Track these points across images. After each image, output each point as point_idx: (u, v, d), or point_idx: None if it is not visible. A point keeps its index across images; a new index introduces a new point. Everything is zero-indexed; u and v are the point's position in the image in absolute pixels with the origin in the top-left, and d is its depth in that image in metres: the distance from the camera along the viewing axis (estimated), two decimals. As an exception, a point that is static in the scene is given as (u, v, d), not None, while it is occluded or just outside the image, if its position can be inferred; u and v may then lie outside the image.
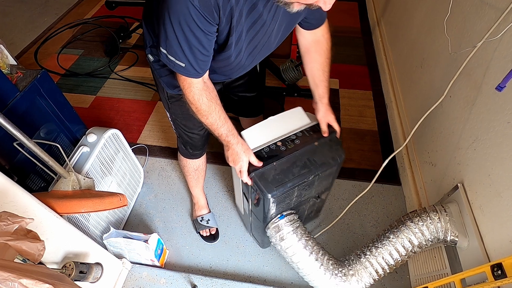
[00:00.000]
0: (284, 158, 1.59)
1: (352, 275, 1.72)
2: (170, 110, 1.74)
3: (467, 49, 1.64)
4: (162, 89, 1.64)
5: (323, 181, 1.76)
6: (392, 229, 1.70)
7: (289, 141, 1.64)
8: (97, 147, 1.96)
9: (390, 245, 1.67)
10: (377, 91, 3.30)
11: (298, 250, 1.75)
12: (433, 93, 2.09)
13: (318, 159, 1.62)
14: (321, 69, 1.63)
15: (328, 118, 1.71)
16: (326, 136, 1.68)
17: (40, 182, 1.91)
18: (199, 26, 1.12)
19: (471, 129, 1.64)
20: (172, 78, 1.53)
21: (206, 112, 1.38)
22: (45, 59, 3.82)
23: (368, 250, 1.74)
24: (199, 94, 1.33)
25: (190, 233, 2.34)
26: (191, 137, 1.86)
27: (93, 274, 1.56)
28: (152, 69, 1.61)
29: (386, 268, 1.71)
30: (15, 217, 1.07)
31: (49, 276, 0.96)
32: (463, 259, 1.58)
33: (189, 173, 2.15)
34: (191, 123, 1.77)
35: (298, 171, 1.57)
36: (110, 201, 1.62)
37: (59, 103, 2.00)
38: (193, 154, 2.00)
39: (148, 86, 3.42)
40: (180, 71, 1.26)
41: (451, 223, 1.59)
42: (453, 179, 1.77)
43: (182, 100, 1.61)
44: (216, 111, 1.40)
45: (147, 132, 2.98)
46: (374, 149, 2.79)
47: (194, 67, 1.24)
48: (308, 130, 1.70)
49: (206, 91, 1.35)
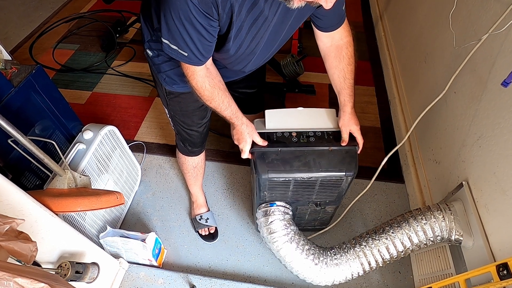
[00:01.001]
0: (291, 148, 1.59)
1: (338, 265, 1.76)
2: (169, 106, 1.74)
3: (472, 43, 1.64)
4: (160, 86, 1.64)
5: (326, 190, 1.74)
6: (393, 224, 1.70)
7: (304, 136, 1.62)
8: (94, 144, 1.95)
9: (389, 239, 1.67)
10: (380, 87, 3.29)
11: (280, 237, 1.79)
12: (437, 88, 2.07)
13: (324, 163, 1.58)
14: (342, 76, 1.58)
15: (351, 128, 1.63)
16: (344, 145, 1.61)
17: (35, 180, 1.91)
18: (199, 21, 1.14)
19: (476, 125, 1.63)
20: (171, 74, 1.54)
21: (209, 97, 1.41)
22: (40, 54, 3.81)
23: (365, 241, 1.74)
24: (202, 80, 1.37)
25: (189, 232, 2.34)
26: (190, 134, 1.86)
27: (89, 274, 1.56)
28: (150, 65, 1.61)
29: (379, 262, 1.71)
30: (5, 218, 1.06)
31: (43, 276, 0.95)
32: (468, 258, 1.58)
33: (187, 170, 2.15)
34: (190, 120, 1.77)
35: (297, 166, 1.57)
36: (106, 199, 1.61)
37: (54, 99, 1.99)
38: (192, 151, 2.00)
39: (145, 82, 3.41)
40: (183, 60, 1.29)
41: (456, 221, 1.59)
42: (458, 177, 1.76)
43: (181, 97, 1.63)
44: (219, 96, 1.43)
45: (145, 129, 2.97)
46: (377, 146, 2.78)
47: (197, 56, 1.27)
48: (330, 134, 1.64)
49: (208, 77, 1.38)
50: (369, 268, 1.74)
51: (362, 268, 1.75)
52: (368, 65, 3.55)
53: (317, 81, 3.30)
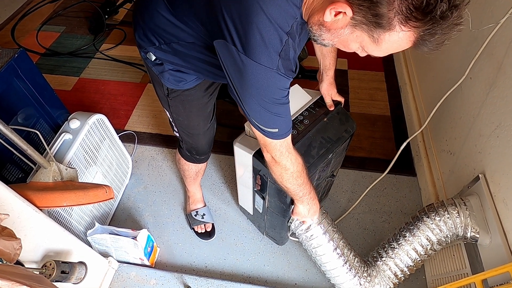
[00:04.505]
0: (299, 142, 1.61)
1: (375, 277, 1.75)
2: (171, 108, 1.67)
3: (490, 26, 1.63)
4: (160, 86, 1.57)
5: (338, 157, 1.81)
6: (408, 227, 1.70)
7: (298, 123, 1.67)
8: (81, 134, 1.94)
9: (407, 244, 1.68)
10: (389, 72, 3.28)
11: (323, 242, 1.77)
12: (452, 74, 2.07)
13: (332, 135, 1.68)
14: None
15: (332, 92, 1.76)
16: (333, 109, 1.74)
17: (17, 173, 1.91)
18: (288, 89, 1.18)
19: (493, 114, 1.63)
20: (176, 73, 1.48)
21: (300, 172, 1.42)
22: (23, 37, 3.79)
23: (384, 252, 1.75)
24: (295, 154, 1.38)
25: (184, 229, 2.34)
26: (196, 140, 1.83)
27: (76, 274, 1.56)
28: (147, 66, 1.54)
29: (405, 271, 1.73)
30: (-13, 213, 1.06)
31: (27, 277, 0.95)
32: (485, 257, 1.57)
33: (189, 176, 2.13)
34: (195, 122, 1.73)
35: (317, 153, 1.62)
36: (95, 193, 1.61)
37: (38, 85, 1.98)
38: (199, 159, 1.98)
39: (136, 67, 3.40)
40: (272, 137, 1.28)
41: (472, 218, 1.58)
42: (474, 169, 1.76)
43: (184, 94, 1.57)
44: (305, 168, 1.45)
45: (136, 118, 2.97)
46: (387, 136, 2.78)
47: (287, 126, 1.28)
48: (313, 107, 1.74)
49: (295, 150, 1.39)
50: (397, 280, 1.78)
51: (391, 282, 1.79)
52: (377, 49, 3.52)
53: (322, 66, 3.27)
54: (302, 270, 2.13)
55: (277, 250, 2.21)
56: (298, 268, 2.14)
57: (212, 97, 1.70)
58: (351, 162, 2.59)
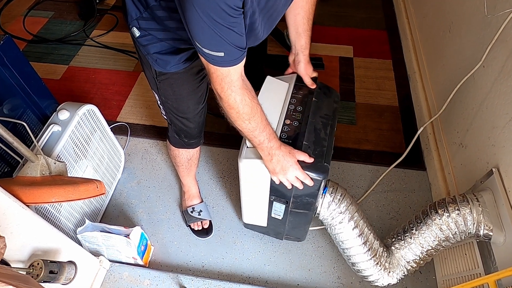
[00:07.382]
0: (306, 131, 1.66)
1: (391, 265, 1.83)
2: (159, 91, 1.69)
3: (506, 11, 1.62)
4: (149, 67, 1.60)
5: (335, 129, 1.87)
6: (416, 221, 1.70)
7: (293, 114, 1.73)
8: (70, 126, 1.94)
9: (414, 240, 1.69)
10: (398, 60, 3.28)
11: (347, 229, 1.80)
12: (464, 62, 2.06)
13: (327, 111, 1.78)
14: (306, 17, 1.70)
15: (308, 72, 1.87)
16: (315, 87, 1.85)
17: (3, 167, 1.90)
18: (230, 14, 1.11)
19: (508, 104, 1.62)
20: (163, 56, 1.50)
21: (249, 115, 1.40)
22: (9, 23, 3.78)
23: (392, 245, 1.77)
24: (242, 93, 1.34)
25: (179, 227, 2.34)
26: (185, 123, 1.83)
27: (65, 274, 1.56)
28: (136, 45, 1.57)
29: (414, 266, 1.76)
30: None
31: (13, 277, 0.95)
32: (499, 256, 1.57)
33: (181, 163, 2.14)
34: (184, 106, 1.74)
35: (325, 134, 1.68)
36: (85, 189, 1.60)
37: (25, 74, 1.97)
38: (189, 143, 1.98)
39: (129, 54, 3.40)
40: (219, 63, 1.23)
41: (484, 214, 1.58)
42: (487, 163, 1.76)
43: (174, 77, 1.60)
44: (259, 112, 1.43)
45: (129, 108, 2.96)
46: (394, 128, 2.77)
47: (233, 53, 1.22)
48: (296, 92, 1.83)
49: (246, 90, 1.37)
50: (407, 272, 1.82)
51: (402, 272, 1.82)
52: (385, 35, 3.53)
53: (326, 53, 3.29)
54: (305, 269, 2.13)
55: (279, 248, 2.21)
56: (301, 267, 2.14)
57: (204, 81, 1.71)
58: (357, 155, 2.58)
